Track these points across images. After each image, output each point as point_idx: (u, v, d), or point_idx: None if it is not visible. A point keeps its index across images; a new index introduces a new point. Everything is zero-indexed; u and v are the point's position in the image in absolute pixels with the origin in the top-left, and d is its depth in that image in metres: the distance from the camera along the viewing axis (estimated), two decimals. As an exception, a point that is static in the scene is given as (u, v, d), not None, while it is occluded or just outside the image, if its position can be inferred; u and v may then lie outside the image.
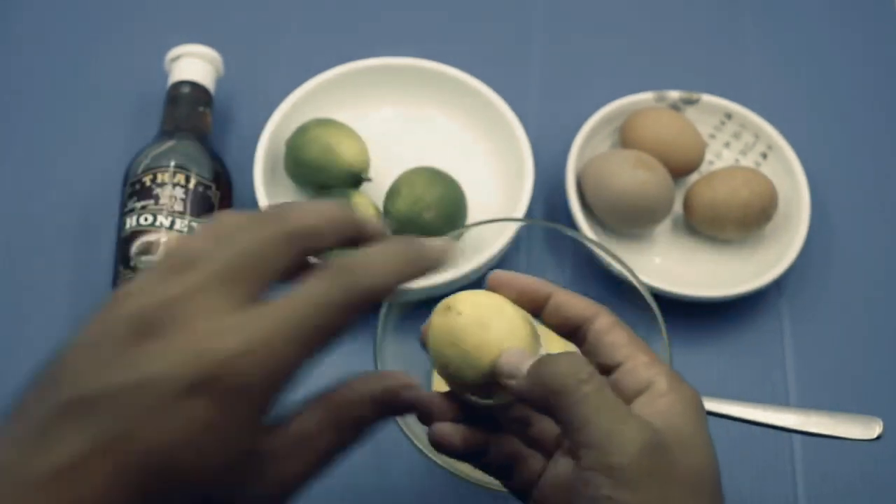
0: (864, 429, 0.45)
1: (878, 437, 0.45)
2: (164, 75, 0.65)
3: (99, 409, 0.26)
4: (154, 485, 0.26)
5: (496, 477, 0.38)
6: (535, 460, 0.37)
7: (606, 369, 0.36)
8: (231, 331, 0.27)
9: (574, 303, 0.38)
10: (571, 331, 0.38)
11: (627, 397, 0.35)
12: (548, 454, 0.37)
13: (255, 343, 0.27)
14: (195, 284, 0.28)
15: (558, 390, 0.32)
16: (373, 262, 0.30)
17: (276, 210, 0.30)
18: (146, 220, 0.56)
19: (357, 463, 0.56)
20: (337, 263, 0.30)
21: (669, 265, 0.63)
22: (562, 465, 0.36)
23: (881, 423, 0.45)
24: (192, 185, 0.58)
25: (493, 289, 0.38)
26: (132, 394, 0.26)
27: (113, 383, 0.26)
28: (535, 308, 0.38)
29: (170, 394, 0.26)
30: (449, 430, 0.36)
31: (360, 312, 0.30)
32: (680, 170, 0.63)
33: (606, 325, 0.37)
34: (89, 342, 0.28)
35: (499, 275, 0.38)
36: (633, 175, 0.59)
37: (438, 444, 0.36)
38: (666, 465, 0.32)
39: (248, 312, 0.28)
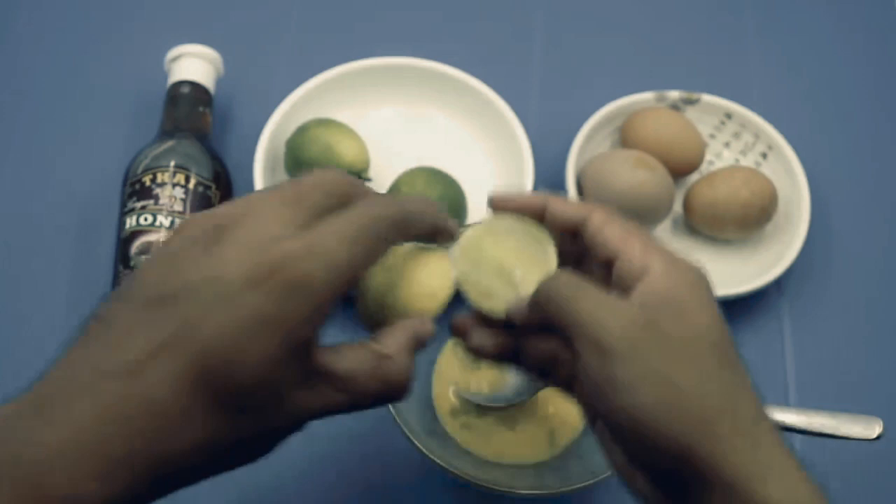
0: (864, 429, 0.45)
1: (878, 437, 0.45)
2: (164, 75, 0.65)
3: (170, 306, 0.29)
4: (211, 377, 0.28)
5: (538, 377, 0.39)
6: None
7: (609, 263, 0.37)
8: (293, 236, 0.30)
9: (567, 208, 0.39)
10: (572, 234, 0.39)
11: (629, 285, 0.36)
12: None
13: (313, 245, 0.30)
14: (261, 202, 0.31)
15: (549, 299, 0.36)
16: (414, 199, 0.36)
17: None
18: (146, 220, 0.56)
19: (357, 462, 0.56)
20: (383, 195, 0.34)
21: (669, 265, 0.63)
22: None
23: (881, 423, 0.45)
24: (192, 184, 0.58)
25: (497, 209, 0.40)
26: (199, 290, 0.29)
27: (184, 282, 0.29)
28: (537, 220, 0.40)
29: (231, 287, 0.29)
30: (480, 335, 0.39)
31: (402, 235, 0.34)
32: (680, 170, 0.63)
33: (599, 223, 0.38)
34: (166, 254, 0.31)
35: (498, 197, 0.40)
36: (633, 175, 0.59)
37: (472, 350, 0.39)
38: (656, 337, 0.33)
39: (308, 225, 0.31)
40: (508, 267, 0.39)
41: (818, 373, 0.60)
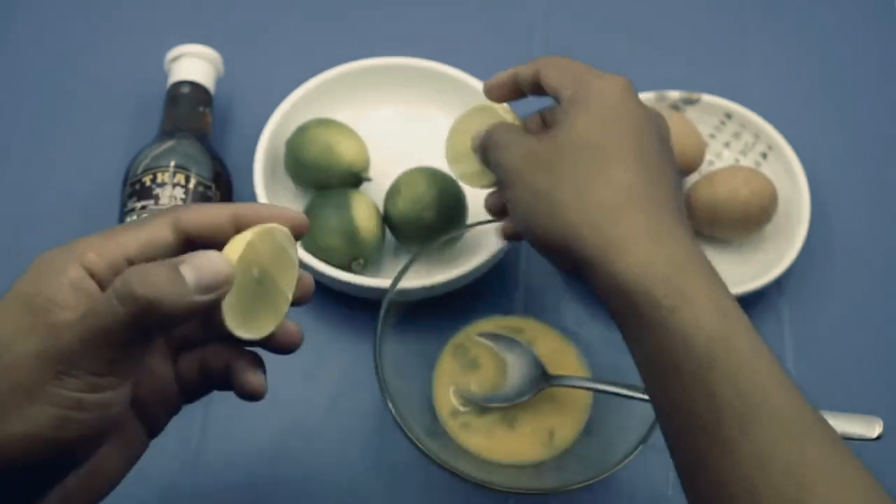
0: (864, 429, 0.45)
1: (878, 437, 0.45)
2: (164, 75, 0.65)
3: None
4: None
5: None
6: None
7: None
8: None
9: (525, 69, 0.46)
10: (540, 91, 0.46)
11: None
12: None
13: (73, 243, 0.33)
14: None
15: (482, 149, 0.46)
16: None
17: None
18: (146, 220, 0.56)
19: (357, 462, 0.56)
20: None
21: (669, 265, 0.62)
22: None
23: (881, 423, 0.45)
24: (191, 185, 0.58)
25: (487, 93, 0.49)
26: None
27: None
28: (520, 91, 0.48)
29: None
30: (490, 198, 0.49)
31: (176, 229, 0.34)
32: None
33: (544, 77, 0.45)
34: None
35: (487, 84, 0.48)
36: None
37: (492, 212, 0.49)
38: (534, 161, 0.41)
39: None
40: None
41: (818, 372, 0.60)
